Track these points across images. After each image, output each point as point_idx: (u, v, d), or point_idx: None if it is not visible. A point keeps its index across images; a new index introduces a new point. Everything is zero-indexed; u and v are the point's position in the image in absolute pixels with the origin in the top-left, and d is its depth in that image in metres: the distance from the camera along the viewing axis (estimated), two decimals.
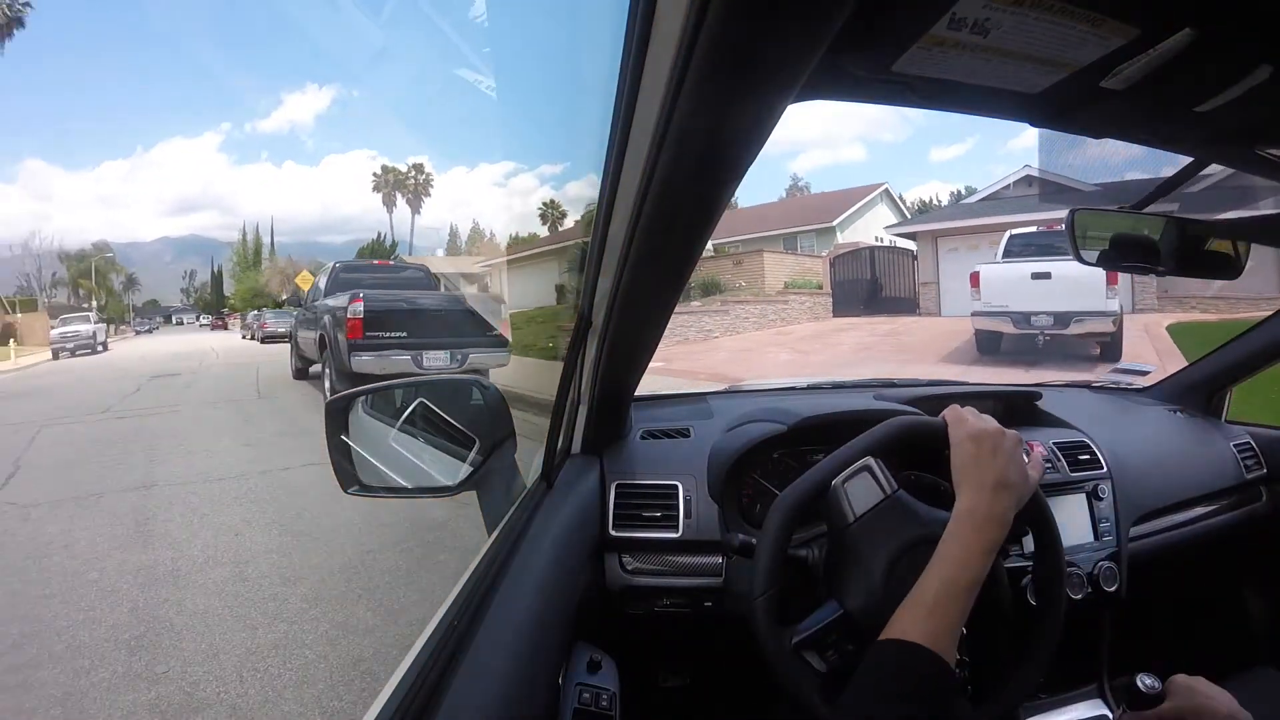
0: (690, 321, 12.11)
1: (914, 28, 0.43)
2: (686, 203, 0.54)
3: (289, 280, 42.23)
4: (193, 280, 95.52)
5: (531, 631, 0.61)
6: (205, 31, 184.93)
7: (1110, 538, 1.05)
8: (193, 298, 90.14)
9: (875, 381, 1.40)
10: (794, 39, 0.37)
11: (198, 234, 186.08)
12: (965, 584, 0.58)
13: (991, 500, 0.62)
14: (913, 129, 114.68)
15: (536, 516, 0.82)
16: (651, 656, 1.10)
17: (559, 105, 5.85)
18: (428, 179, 44.21)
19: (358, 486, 0.90)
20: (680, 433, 1.06)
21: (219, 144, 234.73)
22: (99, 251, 49.06)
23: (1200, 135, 0.61)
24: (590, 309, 0.77)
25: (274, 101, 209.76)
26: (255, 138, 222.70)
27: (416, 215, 44.43)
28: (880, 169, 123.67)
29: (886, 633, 0.57)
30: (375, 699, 0.48)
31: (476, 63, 8.49)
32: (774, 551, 0.68)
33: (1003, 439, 0.66)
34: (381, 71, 53.90)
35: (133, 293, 55.61)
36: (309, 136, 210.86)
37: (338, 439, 0.90)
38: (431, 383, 1.04)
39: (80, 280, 45.40)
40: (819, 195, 33.20)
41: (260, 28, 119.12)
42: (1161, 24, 0.42)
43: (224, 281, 73.65)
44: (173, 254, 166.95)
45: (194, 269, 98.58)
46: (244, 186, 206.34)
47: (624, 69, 0.47)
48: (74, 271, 45.95)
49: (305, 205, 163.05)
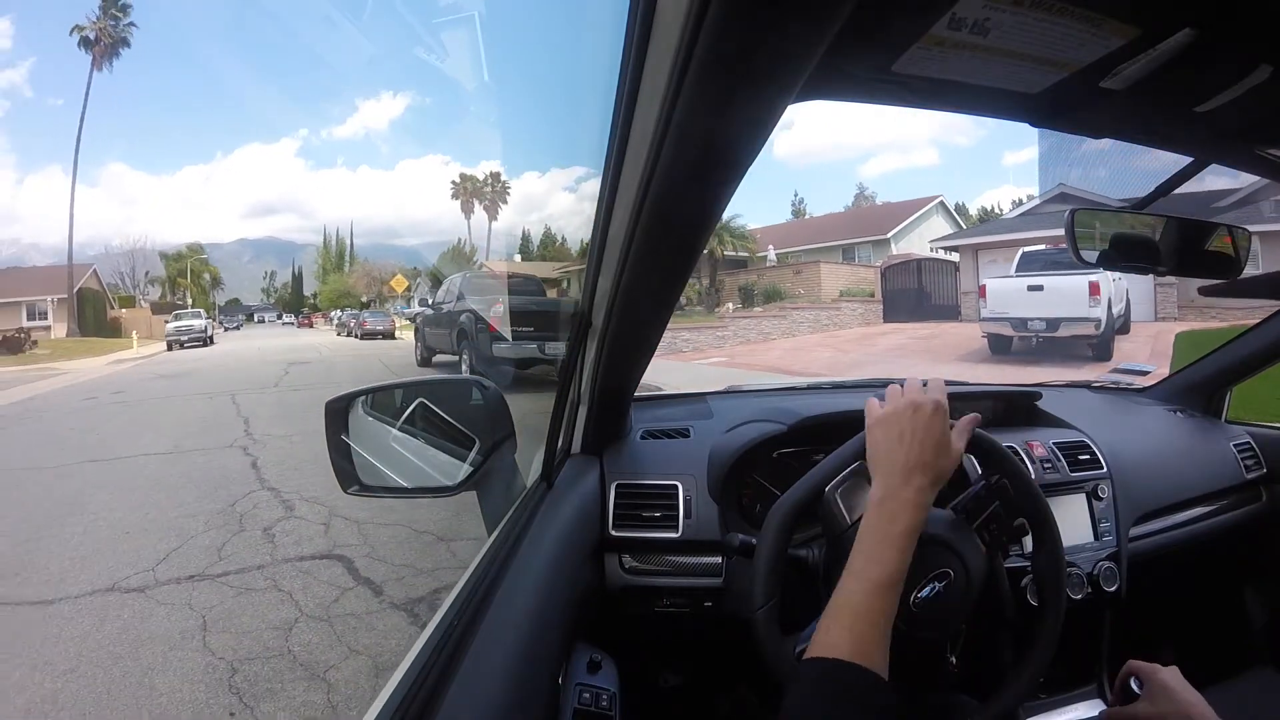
0: (752, 325, 14.00)
1: (914, 28, 0.43)
2: (686, 203, 0.54)
3: (375, 282, 44.89)
4: (273, 280, 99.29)
5: (531, 631, 0.61)
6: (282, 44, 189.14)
7: (1110, 538, 1.05)
8: (272, 297, 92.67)
9: (875, 381, 1.40)
10: (794, 39, 0.37)
11: (274, 236, 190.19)
12: (884, 580, 0.55)
13: (902, 485, 0.60)
14: (985, 132, 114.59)
15: (536, 516, 0.82)
16: (651, 656, 1.10)
17: (556, 105, 5.92)
18: (504, 187, 45.46)
19: (357, 486, 0.89)
20: (680, 433, 1.06)
21: (296, 149, 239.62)
22: (193, 252, 51.64)
23: (1200, 135, 0.61)
24: (590, 309, 0.77)
25: (349, 108, 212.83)
26: (331, 143, 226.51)
27: (494, 222, 45.82)
28: (952, 173, 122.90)
29: (811, 649, 0.53)
30: (375, 699, 0.48)
31: (480, 65, 8.66)
32: (772, 560, 0.68)
33: (912, 419, 0.63)
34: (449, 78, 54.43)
35: (217, 291, 57.14)
36: (384, 142, 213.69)
37: (337, 439, 0.90)
38: (431, 383, 1.04)
39: (178, 279, 47.79)
40: (879, 206, 34.16)
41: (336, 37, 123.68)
42: (1161, 24, 0.42)
43: (304, 281, 79.83)
44: (251, 254, 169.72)
45: (273, 269, 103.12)
46: (321, 190, 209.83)
47: (624, 69, 0.47)
48: (171, 270, 48.31)
49: (380, 208, 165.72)
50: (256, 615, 2.46)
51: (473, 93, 12.33)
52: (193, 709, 1.90)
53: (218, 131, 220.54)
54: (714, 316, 15.36)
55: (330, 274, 61.62)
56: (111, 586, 2.77)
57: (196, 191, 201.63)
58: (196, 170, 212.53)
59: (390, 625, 2.39)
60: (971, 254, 16.20)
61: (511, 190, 45.07)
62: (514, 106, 50.79)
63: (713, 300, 17.98)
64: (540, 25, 54.01)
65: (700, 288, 18.66)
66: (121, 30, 34.14)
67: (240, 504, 3.81)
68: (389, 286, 30.20)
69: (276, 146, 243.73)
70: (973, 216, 30.95)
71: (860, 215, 30.71)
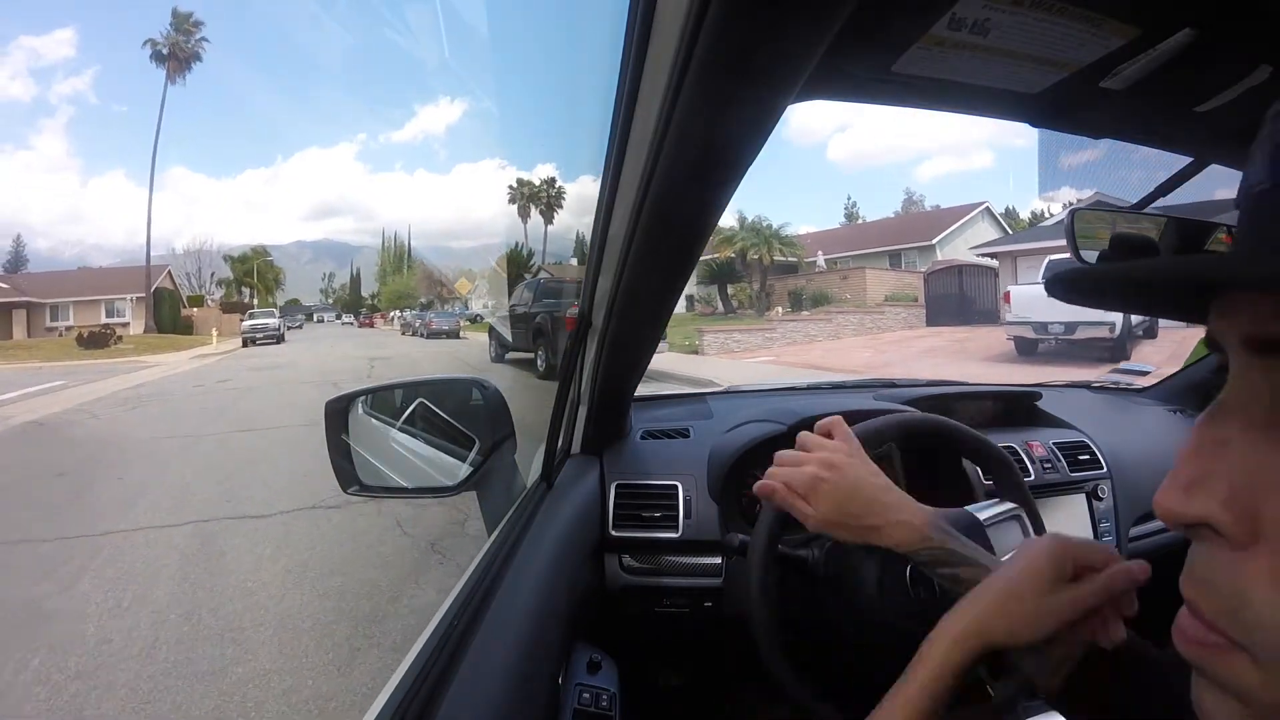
0: (799, 328, 14.82)
1: (914, 28, 0.43)
2: (686, 203, 0.54)
3: (435, 284, 46.76)
4: (331, 281, 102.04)
5: (531, 632, 0.61)
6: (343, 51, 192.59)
7: (1110, 538, 1.05)
8: (331, 297, 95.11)
9: (876, 381, 1.40)
10: (794, 39, 0.37)
11: (331, 238, 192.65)
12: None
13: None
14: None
15: (536, 516, 0.82)
16: (651, 656, 1.10)
17: (555, 105, 5.91)
18: (559, 192, 46.23)
19: (357, 486, 0.89)
20: (680, 433, 1.06)
21: (355, 153, 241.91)
22: (258, 254, 53.43)
23: (1200, 135, 0.62)
24: (590, 309, 0.77)
25: (408, 113, 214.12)
26: (390, 147, 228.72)
27: (550, 226, 46.65)
28: (1006, 176, 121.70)
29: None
30: (375, 698, 0.48)
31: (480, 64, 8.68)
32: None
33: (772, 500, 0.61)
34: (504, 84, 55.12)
35: (278, 291, 58.84)
36: (441, 146, 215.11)
37: (337, 439, 0.90)
38: (431, 383, 1.04)
39: (245, 279, 49.49)
40: (928, 212, 34.20)
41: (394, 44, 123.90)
42: (1161, 24, 0.42)
43: (362, 282, 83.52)
44: (309, 255, 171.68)
45: (331, 270, 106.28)
46: (379, 193, 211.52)
47: (624, 69, 0.47)
48: (238, 271, 50.04)
49: (437, 211, 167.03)
50: (438, 514, 3.44)
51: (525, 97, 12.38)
52: (413, 557, 2.98)
53: (279, 136, 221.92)
54: (763, 320, 15.91)
55: (390, 275, 64.25)
56: (314, 505, 3.63)
57: (257, 194, 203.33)
58: (257, 173, 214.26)
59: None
60: (1010, 260, 16.65)
61: (566, 194, 45.65)
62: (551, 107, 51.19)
63: (763, 304, 18.43)
64: (539, 25, 54.10)
65: (751, 292, 19.29)
66: (194, 45, 35.39)
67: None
68: (448, 289, 30.86)
69: (335, 150, 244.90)
70: (1023, 221, 30.81)
71: (908, 221, 30.79)
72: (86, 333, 21.32)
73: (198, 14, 35.55)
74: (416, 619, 2.37)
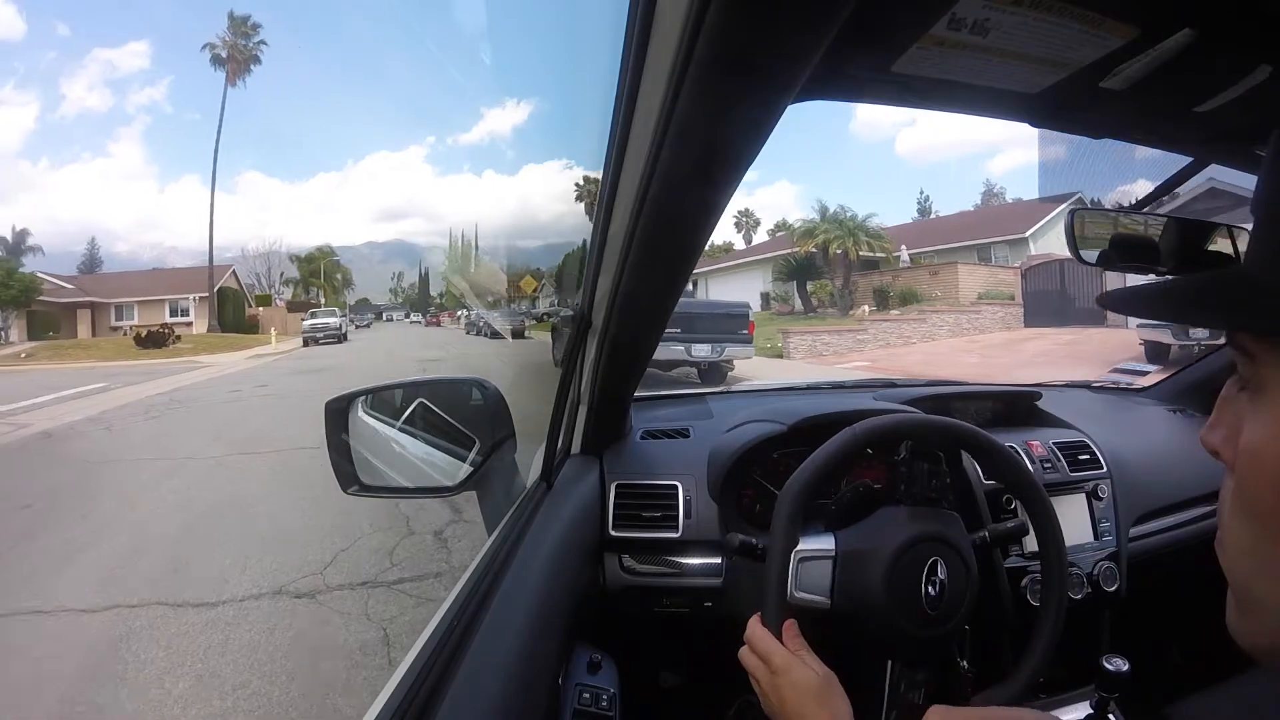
0: (890, 329, 13.68)
1: (914, 28, 0.43)
2: (686, 203, 0.54)
3: (499, 282, 45.54)
4: (400, 281, 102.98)
5: (531, 631, 0.61)
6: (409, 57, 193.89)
7: (1110, 538, 1.05)
8: (400, 297, 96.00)
9: (876, 381, 1.40)
10: (794, 39, 0.37)
11: (401, 239, 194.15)
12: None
13: None
14: None
15: (536, 516, 0.82)
16: (651, 656, 1.10)
17: (556, 104, 5.81)
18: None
19: (357, 486, 0.89)
20: (680, 433, 1.06)
21: (424, 156, 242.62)
22: (323, 255, 53.62)
23: (1200, 135, 0.61)
24: (590, 309, 0.77)
25: (475, 116, 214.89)
26: (457, 149, 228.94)
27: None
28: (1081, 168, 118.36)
29: None
30: (375, 698, 0.48)
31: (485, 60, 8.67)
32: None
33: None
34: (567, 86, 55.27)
35: (348, 291, 60.15)
36: (508, 148, 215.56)
37: (338, 439, 0.90)
38: (432, 383, 1.04)
39: (311, 279, 49.71)
40: (1013, 204, 30.84)
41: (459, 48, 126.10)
42: (1161, 24, 0.42)
43: (430, 282, 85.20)
44: (380, 256, 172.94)
45: (400, 270, 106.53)
46: (447, 195, 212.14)
47: (624, 69, 0.47)
48: (304, 271, 50.23)
49: (503, 211, 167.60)
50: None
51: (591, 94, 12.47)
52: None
53: (349, 140, 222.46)
54: (850, 319, 14.97)
55: (456, 274, 64.73)
56: (278, 590, 2.69)
57: (329, 197, 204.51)
58: (329, 177, 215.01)
59: None
60: None
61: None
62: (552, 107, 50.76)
63: (846, 303, 17.21)
64: (540, 26, 53.99)
65: (833, 289, 17.88)
66: (253, 48, 35.71)
67: (403, 505, 3.47)
68: (514, 287, 30.94)
69: (404, 154, 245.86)
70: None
71: (992, 214, 28.02)
72: (145, 332, 21.36)
73: (256, 18, 35.78)
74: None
